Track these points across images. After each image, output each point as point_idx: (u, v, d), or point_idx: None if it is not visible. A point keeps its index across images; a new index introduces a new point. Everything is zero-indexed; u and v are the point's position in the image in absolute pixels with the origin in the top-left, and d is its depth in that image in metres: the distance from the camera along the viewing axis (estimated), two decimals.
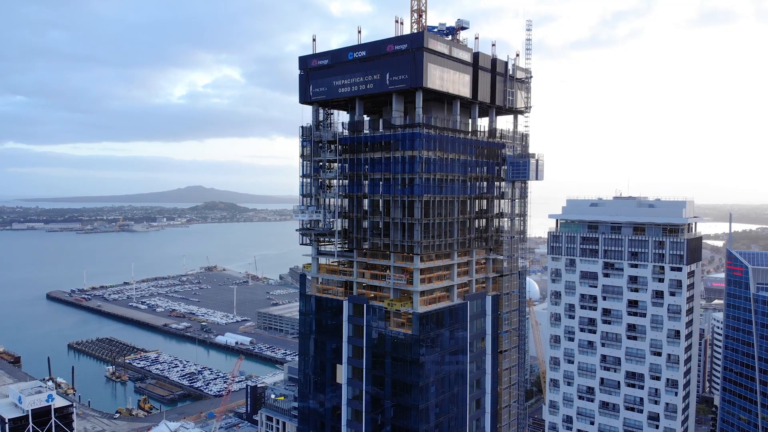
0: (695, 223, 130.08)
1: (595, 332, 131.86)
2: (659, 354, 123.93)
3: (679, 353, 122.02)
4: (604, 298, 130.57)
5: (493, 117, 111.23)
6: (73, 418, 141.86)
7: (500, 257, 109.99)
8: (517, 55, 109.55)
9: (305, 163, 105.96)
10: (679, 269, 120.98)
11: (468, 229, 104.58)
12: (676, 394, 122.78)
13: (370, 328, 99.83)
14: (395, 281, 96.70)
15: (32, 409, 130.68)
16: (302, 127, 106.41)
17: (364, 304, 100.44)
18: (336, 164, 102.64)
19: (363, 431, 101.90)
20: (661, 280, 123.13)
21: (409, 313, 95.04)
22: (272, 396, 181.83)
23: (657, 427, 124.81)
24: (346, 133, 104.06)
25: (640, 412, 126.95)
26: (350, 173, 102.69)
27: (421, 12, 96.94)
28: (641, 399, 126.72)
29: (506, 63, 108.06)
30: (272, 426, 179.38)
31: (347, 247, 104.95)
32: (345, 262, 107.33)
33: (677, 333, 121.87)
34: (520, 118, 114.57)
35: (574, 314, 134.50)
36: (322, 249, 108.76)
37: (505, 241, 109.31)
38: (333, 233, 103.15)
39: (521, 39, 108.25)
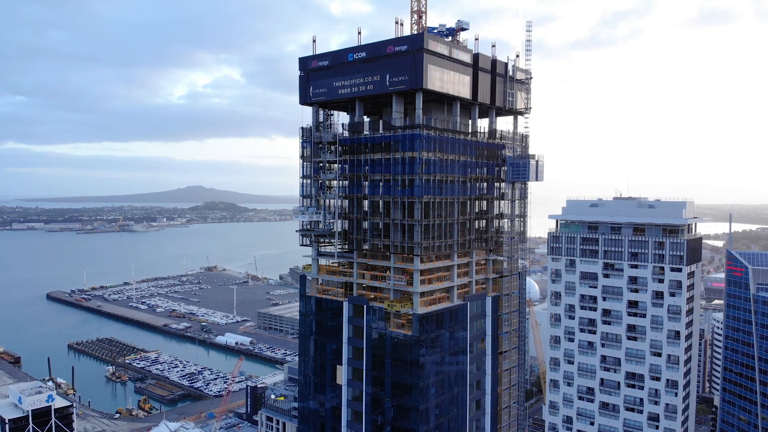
0: (695, 223, 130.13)
1: (595, 333, 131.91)
2: (659, 354, 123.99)
3: (679, 354, 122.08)
4: (604, 299, 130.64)
5: (493, 118, 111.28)
6: (73, 418, 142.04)
7: (500, 258, 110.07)
8: (517, 56, 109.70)
9: (305, 164, 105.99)
10: (679, 270, 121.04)
11: (468, 230, 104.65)
12: (676, 395, 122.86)
13: (370, 329, 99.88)
14: (395, 282, 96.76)
15: (32, 410, 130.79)
16: (302, 128, 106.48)
17: (364, 305, 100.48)
18: (336, 165, 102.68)
19: None
20: (661, 281, 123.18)
21: (409, 314, 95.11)
22: (272, 396, 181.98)
23: (657, 427, 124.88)
24: (346, 134, 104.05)
25: (640, 412, 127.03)
26: (350, 174, 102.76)
27: (421, 13, 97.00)
28: (641, 399, 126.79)
29: (506, 64, 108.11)
30: (272, 426, 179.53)
31: (347, 248, 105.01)
32: (345, 263, 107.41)
33: (677, 333, 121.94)
34: (520, 119, 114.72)
35: (574, 315, 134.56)
36: (322, 250, 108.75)
37: (505, 242, 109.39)
38: (333, 234, 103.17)
39: (521, 39, 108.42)
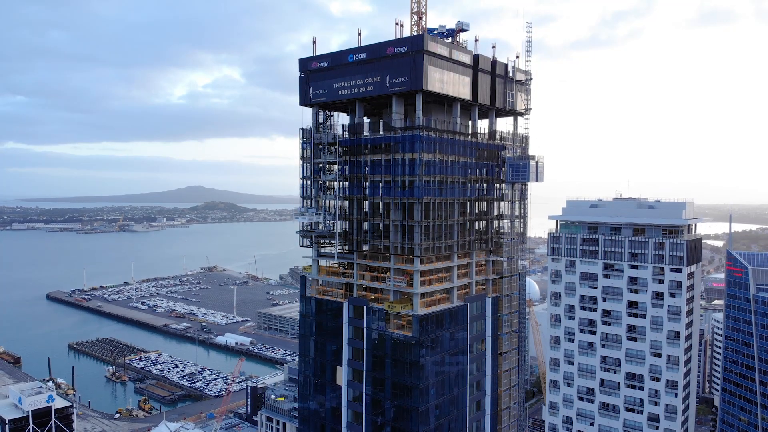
0: (695, 224, 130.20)
1: (595, 333, 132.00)
2: (659, 355, 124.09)
3: (679, 354, 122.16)
4: (604, 299, 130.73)
5: (493, 119, 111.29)
6: (74, 418, 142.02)
7: (500, 259, 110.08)
8: (517, 57, 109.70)
9: (305, 165, 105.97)
10: (679, 270, 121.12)
11: (468, 231, 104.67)
12: (675, 395, 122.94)
13: (370, 330, 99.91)
14: (395, 283, 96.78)
15: (32, 410, 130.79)
16: (302, 129, 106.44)
17: (364, 306, 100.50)
18: (336, 166, 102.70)
19: None
20: (661, 282, 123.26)
21: (409, 315, 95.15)
22: (272, 396, 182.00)
23: (657, 428, 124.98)
24: (346, 136, 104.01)
25: (640, 413, 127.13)
26: (350, 175, 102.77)
27: (421, 14, 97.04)
28: (641, 400, 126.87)
29: (506, 65, 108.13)
30: (272, 427, 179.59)
31: (347, 249, 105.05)
32: (345, 264, 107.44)
33: (677, 334, 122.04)
34: (520, 119, 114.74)
35: (574, 315, 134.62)
36: (323, 251, 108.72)
37: (505, 242, 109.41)
38: (333, 235, 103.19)
39: (521, 39, 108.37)
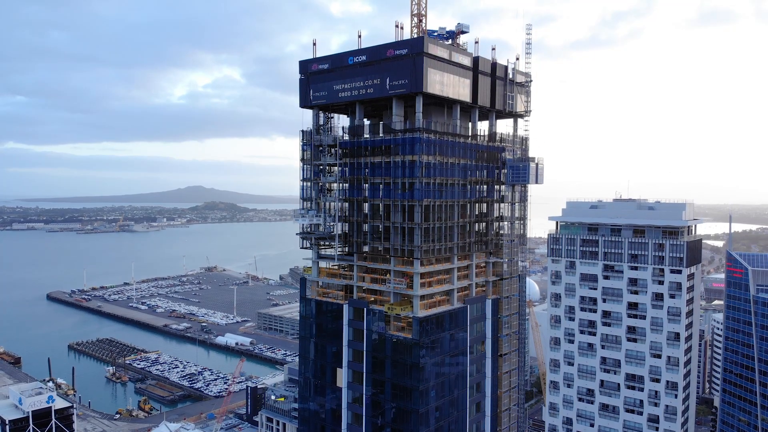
0: (695, 225, 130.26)
1: (594, 334, 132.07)
2: (659, 356, 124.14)
3: (679, 355, 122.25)
4: (604, 300, 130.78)
5: (493, 121, 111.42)
6: (74, 419, 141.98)
7: (500, 260, 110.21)
8: (517, 59, 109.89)
9: (305, 167, 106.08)
10: (679, 271, 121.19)
11: (468, 233, 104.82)
12: (675, 396, 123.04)
13: (370, 332, 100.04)
14: (395, 285, 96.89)
15: (33, 411, 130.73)
16: (302, 131, 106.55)
17: (365, 308, 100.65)
18: (336, 168, 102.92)
19: None
20: (661, 283, 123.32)
21: (409, 317, 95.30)
22: (272, 397, 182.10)
23: (657, 429, 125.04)
24: (347, 137, 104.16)
25: (640, 414, 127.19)
26: (350, 177, 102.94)
27: (421, 16, 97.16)
28: (641, 401, 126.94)
29: (506, 67, 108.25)
30: (272, 427, 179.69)
31: (347, 251, 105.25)
32: (345, 266, 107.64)
33: (677, 335, 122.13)
34: (520, 121, 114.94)
35: (574, 316, 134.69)
36: (323, 252, 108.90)
37: (505, 244, 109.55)
38: (333, 237, 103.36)
39: (521, 40, 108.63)
